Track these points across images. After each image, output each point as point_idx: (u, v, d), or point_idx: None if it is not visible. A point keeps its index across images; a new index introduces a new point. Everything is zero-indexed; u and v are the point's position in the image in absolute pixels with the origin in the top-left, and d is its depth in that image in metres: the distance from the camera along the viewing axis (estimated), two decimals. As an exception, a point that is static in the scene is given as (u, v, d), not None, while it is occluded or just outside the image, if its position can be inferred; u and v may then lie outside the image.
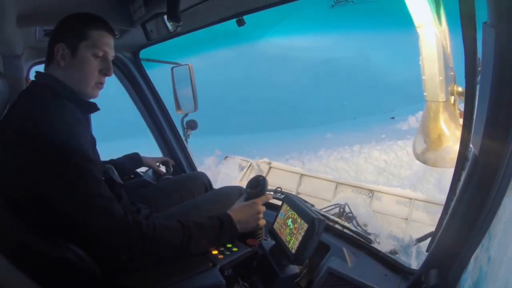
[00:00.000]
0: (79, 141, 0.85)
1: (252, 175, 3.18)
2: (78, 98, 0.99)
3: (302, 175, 4.66)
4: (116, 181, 0.98)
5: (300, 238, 0.98)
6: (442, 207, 1.08)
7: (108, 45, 1.02)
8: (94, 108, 1.04)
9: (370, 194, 4.47)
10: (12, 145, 0.83)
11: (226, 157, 5.24)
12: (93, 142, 0.94)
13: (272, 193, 1.65)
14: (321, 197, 4.13)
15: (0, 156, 0.85)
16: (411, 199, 4.30)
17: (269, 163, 4.89)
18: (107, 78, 1.06)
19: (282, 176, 4.54)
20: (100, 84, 1.04)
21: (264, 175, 3.23)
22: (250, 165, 4.88)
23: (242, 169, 4.92)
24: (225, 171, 5.01)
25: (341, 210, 1.60)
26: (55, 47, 0.97)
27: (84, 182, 0.83)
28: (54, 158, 0.81)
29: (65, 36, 0.98)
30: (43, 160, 0.80)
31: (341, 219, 1.50)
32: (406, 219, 4.18)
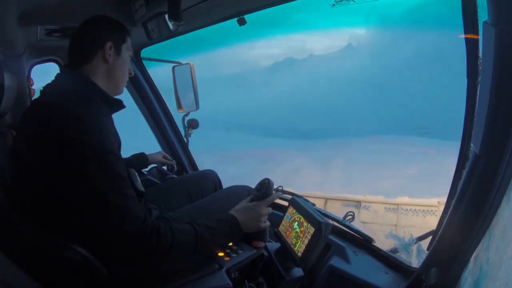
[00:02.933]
0: (110, 139, 0.86)
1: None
2: (107, 96, 1.00)
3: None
4: (138, 188, 0.97)
5: (306, 241, 0.98)
6: (429, 208, 1.09)
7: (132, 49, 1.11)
8: (121, 105, 1.05)
9: (358, 205, 4.48)
10: (38, 141, 0.83)
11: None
12: (118, 140, 0.94)
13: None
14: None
15: (22, 151, 0.86)
16: (397, 204, 4.30)
17: (282, 187, 4.92)
18: None
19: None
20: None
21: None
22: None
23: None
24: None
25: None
26: (106, 44, 1.00)
27: (112, 180, 0.83)
28: (85, 155, 0.81)
29: (112, 36, 1.02)
30: (73, 157, 0.80)
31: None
32: (395, 225, 4.18)
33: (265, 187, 1.13)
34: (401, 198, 4.45)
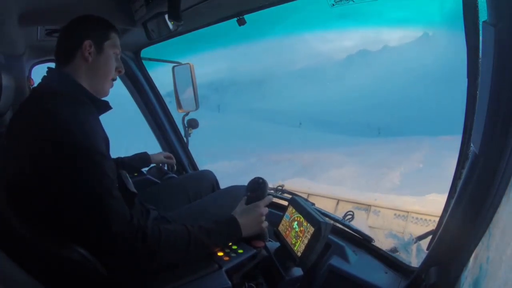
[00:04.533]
0: (96, 139, 0.87)
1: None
2: (93, 97, 1.00)
3: (309, 194, 4.64)
4: (129, 189, 0.98)
5: (306, 241, 0.98)
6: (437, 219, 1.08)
7: (120, 47, 1.09)
8: (108, 106, 1.06)
9: (368, 209, 4.43)
10: (28, 142, 0.84)
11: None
12: (106, 140, 0.95)
13: (273, 191, 1.65)
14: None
15: (11, 152, 0.86)
16: (407, 212, 4.23)
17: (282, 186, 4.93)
18: None
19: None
20: (113, 81, 1.09)
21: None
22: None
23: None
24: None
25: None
26: (84, 43, 0.99)
27: (99, 180, 0.83)
28: (72, 155, 0.82)
29: (91, 34, 1.01)
30: (61, 158, 0.81)
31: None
32: (402, 233, 4.13)
33: (260, 187, 1.11)
34: (412, 205, 4.37)
